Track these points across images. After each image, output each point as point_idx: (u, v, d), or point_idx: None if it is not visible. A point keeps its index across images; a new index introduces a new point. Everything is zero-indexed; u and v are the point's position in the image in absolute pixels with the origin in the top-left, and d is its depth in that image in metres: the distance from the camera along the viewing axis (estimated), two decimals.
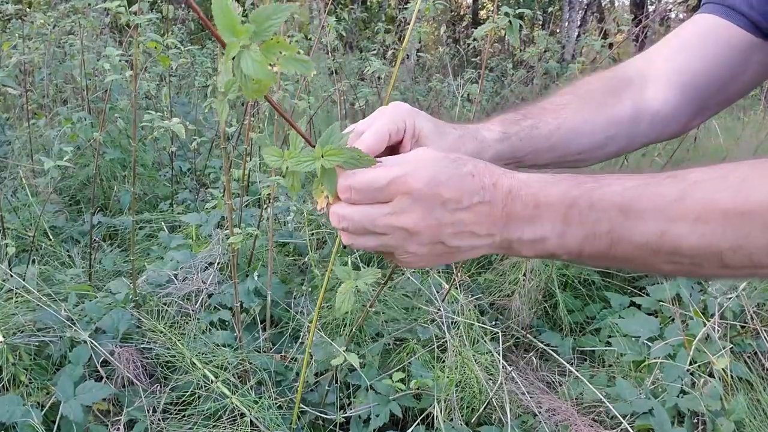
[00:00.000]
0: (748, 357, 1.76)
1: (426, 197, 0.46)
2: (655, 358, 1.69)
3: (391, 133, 0.56)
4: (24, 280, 1.67)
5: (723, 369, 1.58)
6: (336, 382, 1.57)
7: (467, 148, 0.60)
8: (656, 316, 1.92)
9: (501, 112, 0.67)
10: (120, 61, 1.72)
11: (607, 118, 0.69)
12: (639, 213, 0.43)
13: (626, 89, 0.71)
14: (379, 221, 0.48)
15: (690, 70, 0.70)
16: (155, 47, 1.66)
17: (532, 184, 0.47)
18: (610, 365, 1.83)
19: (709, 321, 1.69)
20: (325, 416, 1.49)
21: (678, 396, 1.57)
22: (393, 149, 0.58)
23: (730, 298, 1.71)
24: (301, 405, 1.46)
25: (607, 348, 1.88)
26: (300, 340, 1.70)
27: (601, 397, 1.51)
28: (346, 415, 1.48)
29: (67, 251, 2.17)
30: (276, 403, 1.45)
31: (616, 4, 11.11)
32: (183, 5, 4.83)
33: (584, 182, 0.46)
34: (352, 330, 1.61)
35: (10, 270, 1.76)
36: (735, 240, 0.42)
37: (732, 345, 1.69)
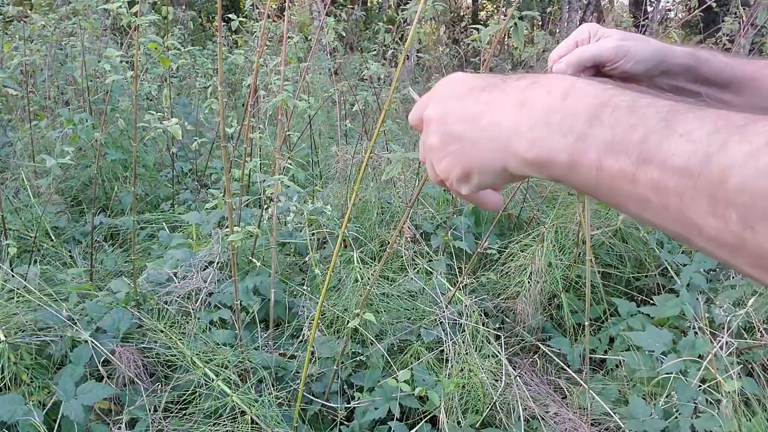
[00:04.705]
0: (759, 366, 1.74)
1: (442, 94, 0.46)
2: (667, 373, 1.67)
3: (617, 51, 0.57)
4: (26, 280, 1.68)
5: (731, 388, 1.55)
6: (338, 381, 1.58)
7: (676, 52, 0.59)
8: (665, 327, 1.90)
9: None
10: (121, 62, 1.72)
11: None
12: (687, 129, 0.31)
13: None
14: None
15: None
16: (156, 48, 1.67)
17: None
18: (624, 376, 1.80)
19: (717, 335, 1.65)
20: (327, 413, 1.49)
21: (691, 417, 1.55)
22: (597, 69, 0.59)
23: (739, 314, 1.68)
24: (306, 395, 1.46)
25: (616, 357, 1.86)
26: (300, 339, 1.71)
27: (610, 412, 1.50)
28: (348, 406, 1.48)
29: (69, 251, 2.18)
30: (277, 399, 1.46)
31: (615, 4, 11.12)
32: (183, 6, 4.83)
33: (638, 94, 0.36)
34: (358, 301, 1.61)
35: (12, 270, 1.76)
36: None
37: (741, 364, 1.67)
